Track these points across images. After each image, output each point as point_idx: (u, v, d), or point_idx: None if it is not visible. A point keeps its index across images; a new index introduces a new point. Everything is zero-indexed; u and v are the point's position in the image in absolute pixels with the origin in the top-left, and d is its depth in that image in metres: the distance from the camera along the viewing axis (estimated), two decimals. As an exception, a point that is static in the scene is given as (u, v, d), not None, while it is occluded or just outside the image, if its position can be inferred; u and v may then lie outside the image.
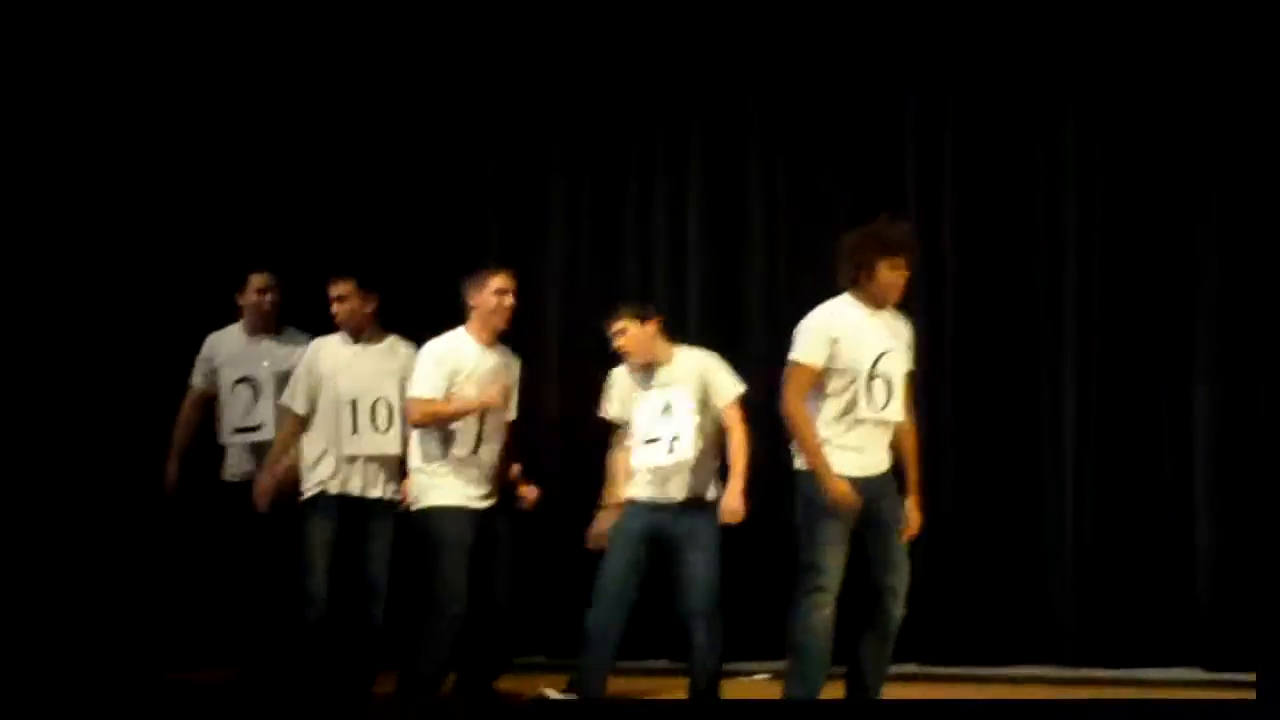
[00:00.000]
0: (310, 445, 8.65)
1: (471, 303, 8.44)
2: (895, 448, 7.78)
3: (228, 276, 9.21)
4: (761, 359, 9.10)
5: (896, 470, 7.78)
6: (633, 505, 8.38)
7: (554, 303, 9.99)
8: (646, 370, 8.40)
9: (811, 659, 7.70)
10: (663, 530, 8.28)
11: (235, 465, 9.05)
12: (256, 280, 9.02)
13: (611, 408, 8.57)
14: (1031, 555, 9.29)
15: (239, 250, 9.52)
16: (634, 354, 8.39)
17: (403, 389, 8.49)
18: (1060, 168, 9.40)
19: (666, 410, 8.28)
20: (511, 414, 8.54)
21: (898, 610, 7.78)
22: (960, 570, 9.30)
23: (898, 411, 7.71)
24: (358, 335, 8.67)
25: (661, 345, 8.42)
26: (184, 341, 9.33)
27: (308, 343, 8.81)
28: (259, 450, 8.89)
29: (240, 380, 8.98)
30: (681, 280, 9.88)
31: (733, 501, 8.20)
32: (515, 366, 8.57)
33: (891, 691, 8.19)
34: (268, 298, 9.00)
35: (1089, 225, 9.33)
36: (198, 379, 9.18)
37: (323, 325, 8.80)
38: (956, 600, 9.31)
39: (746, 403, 8.40)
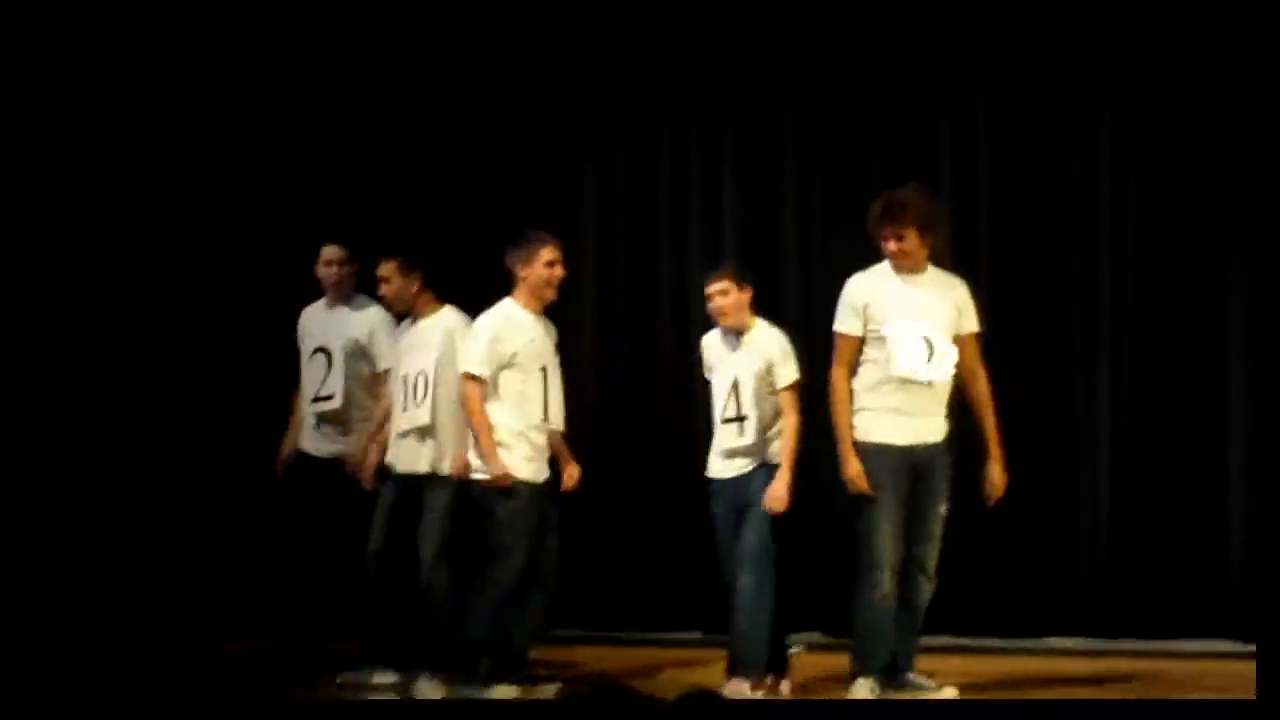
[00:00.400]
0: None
1: (520, 273, 8.38)
2: (973, 413, 7.89)
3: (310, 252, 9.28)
4: (797, 339, 9.18)
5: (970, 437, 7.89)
6: (717, 485, 8.37)
7: (588, 287, 10.00)
8: (735, 334, 8.40)
9: (872, 636, 7.83)
10: (737, 503, 8.31)
11: (310, 439, 9.09)
12: (326, 253, 9.10)
13: (708, 370, 8.55)
14: (1065, 528, 9.34)
15: (317, 226, 9.56)
16: (728, 315, 8.36)
17: (439, 360, 8.51)
18: (1094, 153, 9.44)
19: (735, 387, 8.31)
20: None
21: (927, 583, 7.86)
22: (994, 543, 9.31)
23: (941, 371, 7.77)
24: (405, 313, 8.76)
25: (749, 315, 8.42)
26: (278, 318, 9.42)
27: (377, 312, 8.89)
28: (328, 422, 8.96)
29: (317, 350, 9.06)
30: (716, 261, 9.90)
31: (779, 489, 8.16)
32: (555, 335, 8.57)
33: (925, 664, 8.25)
34: (334, 269, 9.07)
35: (1123, 210, 9.38)
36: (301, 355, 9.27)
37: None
38: (990, 573, 9.35)
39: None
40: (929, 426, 7.84)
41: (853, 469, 7.83)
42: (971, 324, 7.95)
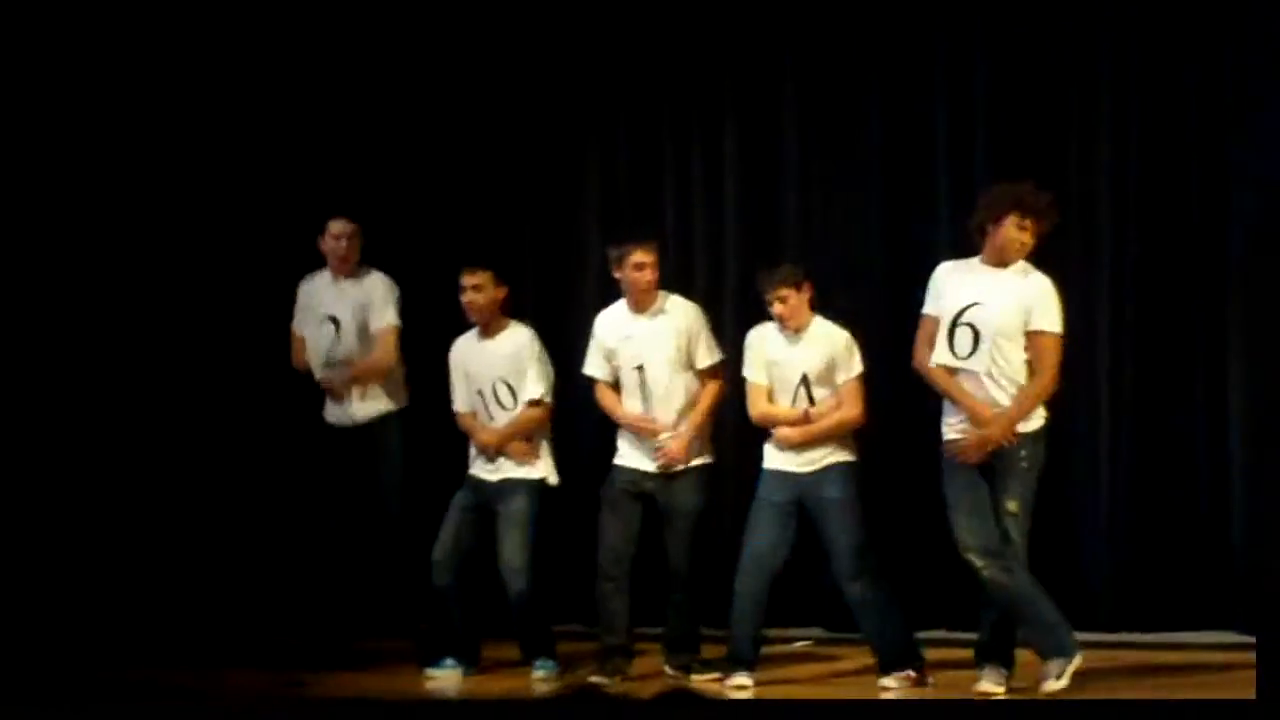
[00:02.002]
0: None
1: (617, 276, 8.66)
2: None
3: (313, 225, 9.42)
4: None
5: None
6: (772, 476, 8.43)
7: (592, 273, 9.96)
8: (794, 333, 8.44)
9: (1028, 613, 7.86)
10: (805, 499, 8.35)
11: (337, 409, 9.27)
12: (333, 227, 9.23)
13: (750, 370, 8.57)
14: (1066, 520, 9.28)
15: (320, 200, 9.72)
16: (790, 319, 8.41)
17: (515, 371, 8.83)
18: (1094, 109, 9.37)
19: (805, 381, 8.36)
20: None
21: (982, 569, 7.85)
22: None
23: (982, 363, 7.78)
24: (484, 327, 8.93)
25: (809, 313, 8.46)
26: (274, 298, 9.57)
27: (385, 285, 9.17)
28: (344, 385, 9.18)
29: (326, 319, 9.24)
30: (720, 257, 9.94)
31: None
32: (683, 320, 8.67)
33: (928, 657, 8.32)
34: (342, 243, 9.19)
35: (1122, 175, 9.32)
36: (297, 325, 9.43)
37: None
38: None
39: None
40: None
41: (998, 428, 7.81)
42: (1048, 324, 7.90)
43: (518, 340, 8.94)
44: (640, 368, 8.63)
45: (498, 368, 8.90)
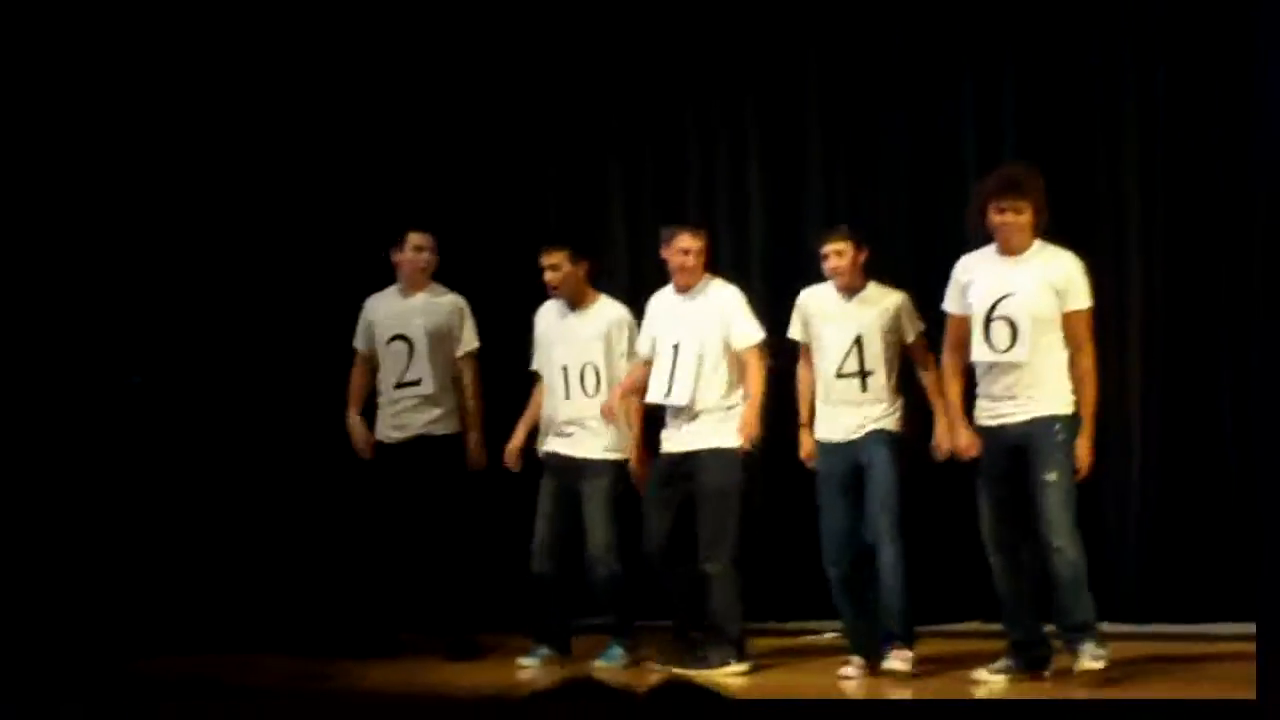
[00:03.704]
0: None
1: (665, 258, 8.79)
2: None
3: (382, 240, 9.45)
4: None
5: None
6: (826, 447, 8.49)
7: (620, 272, 10.03)
8: (848, 292, 8.47)
9: (1009, 609, 7.97)
10: (858, 463, 8.43)
11: (390, 426, 9.21)
12: (414, 239, 9.21)
13: (795, 329, 8.66)
14: (1095, 512, 9.24)
15: (387, 215, 9.78)
16: (844, 274, 8.46)
17: (607, 351, 8.90)
18: (1119, 115, 9.39)
19: (859, 342, 8.37)
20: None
21: (1058, 556, 7.87)
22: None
23: (1024, 354, 7.80)
24: (572, 302, 8.95)
25: (861, 274, 8.52)
26: (343, 310, 9.58)
27: (461, 305, 9.23)
28: (423, 407, 9.15)
29: (395, 337, 9.17)
30: (745, 243, 9.97)
31: (948, 442, 8.26)
32: (723, 301, 8.76)
33: (951, 648, 8.43)
34: (424, 255, 9.17)
35: (1151, 180, 9.31)
36: (361, 343, 9.39)
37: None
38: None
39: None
40: (1020, 409, 7.90)
41: (962, 439, 7.97)
42: (1079, 301, 7.94)
43: (607, 317, 8.98)
44: (676, 346, 8.67)
45: (586, 347, 8.94)
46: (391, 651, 9.16)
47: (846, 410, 8.40)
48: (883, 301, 8.45)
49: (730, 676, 8.45)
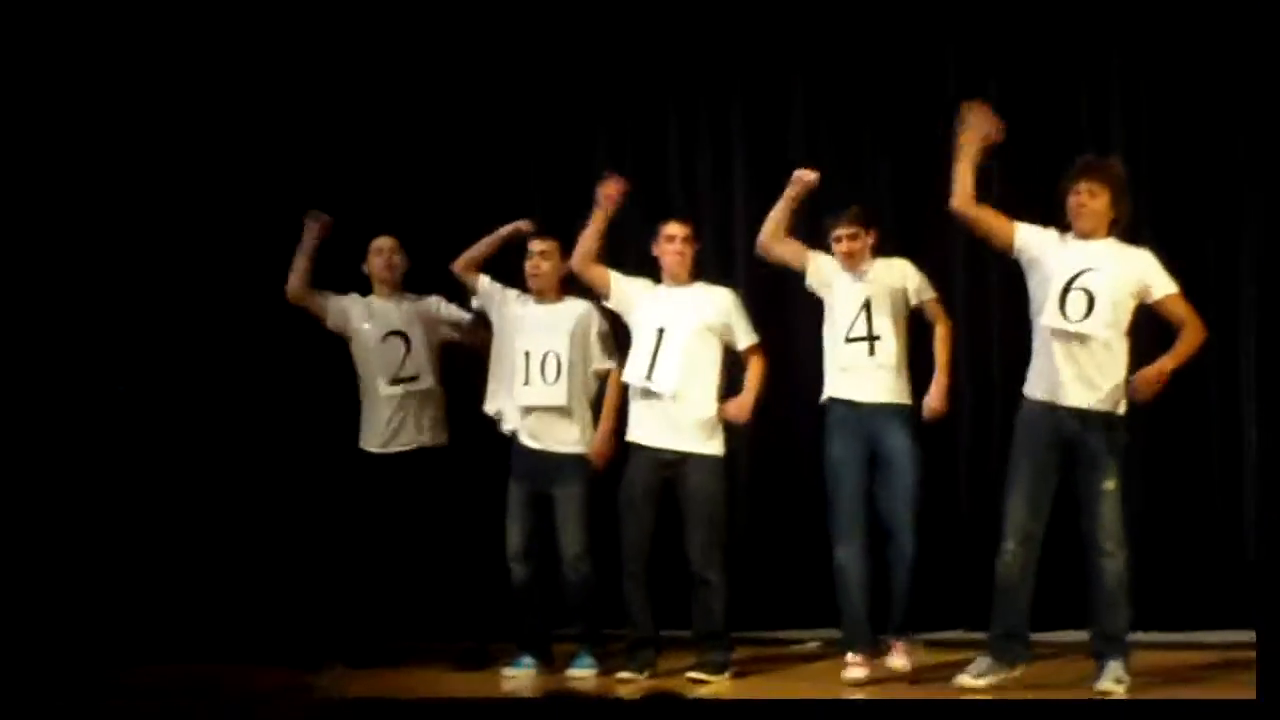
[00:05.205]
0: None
1: (655, 255, 8.75)
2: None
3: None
4: (808, 322, 9.17)
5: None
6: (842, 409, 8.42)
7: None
8: (858, 273, 8.50)
9: (997, 602, 7.87)
10: (872, 439, 8.36)
11: (390, 434, 9.10)
12: (376, 243, 9.24)
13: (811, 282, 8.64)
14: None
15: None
16: (854, 257, 8.48)
17: (571, 342, 8.79)
18: (1104, 131, 9.35)
19: (865, 307, 8.35)
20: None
21: (1106, 561, 7.82)
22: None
23: (1097, 326, 7.74)
24: (542, 294, 8.91)
25: (870, 257, 8.54)
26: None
27: (425, 302, 9.19)
28: (418, 409, 9.03)
29: (391, 333, 9.10)
30: (728, 247, 9.87)
31: (935, 402, 8.33)
32: (718, 300, 8.73)
33: (944, 659, 8.39)
34: (383, 257, 9.21)
35: (1135, 179, 9.17)
36: (330, 299, 9.29)
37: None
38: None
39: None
40: (1083, 391, 7.81)
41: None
42: (1163, 287, 7.94)
43: (576, 310, 8.93)
44: (661, 330, 8.56)
45: (549, 335, 8.84)
46: (391, 660, 9.07)
47: (858, 374, 8.41)
48: (889, 269, 8.50)
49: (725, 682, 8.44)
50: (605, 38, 10.07)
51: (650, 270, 8.94)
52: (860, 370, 8.38)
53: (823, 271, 8.56)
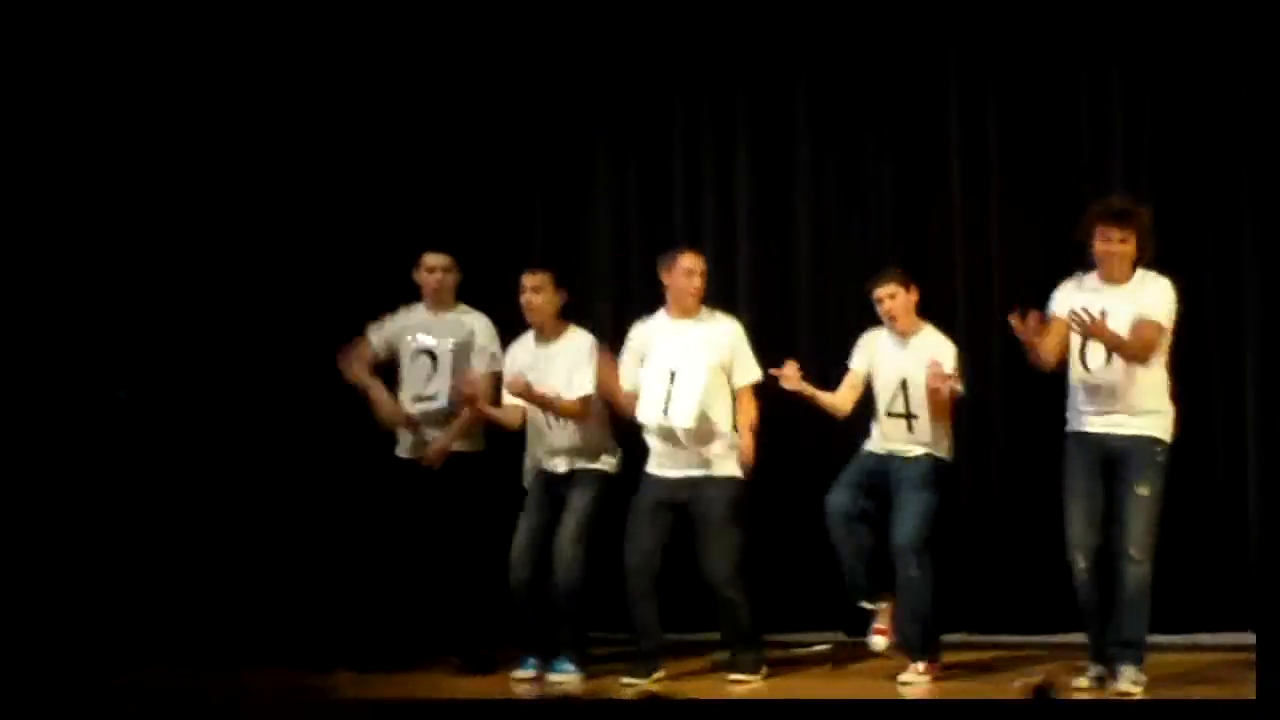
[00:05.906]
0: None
1: (665, 282, 8.69)
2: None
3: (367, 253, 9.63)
4: (810, 334, 9.46)
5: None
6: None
7: (600, 286, 9.97)
8: (902, 336, 8.59)
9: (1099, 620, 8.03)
10: (887, 476, 8.56)
11: (419, 441, 9.20)
12: (428, 259, 9.23)
13: (858, 358, 8.75)
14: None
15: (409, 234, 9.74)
16: (898, 318, 8.58)
17: (568, 378, 8.82)
18: (1106, 133, 9.35)
19: (904, 386, 8.55)
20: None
21: (1132, 567, 7.93)
22: (1011, 540, 9.33)
23: (1116, 376, 7.92)
24: (543, 329, 8.95)
25: (915, 317, 8.65)
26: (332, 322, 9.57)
27: (480, 320, 9.18)
28: (434, 422, 9.13)
29: (422, 352, 9.16)
30: (731, 255, 9.88)
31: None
32: (727, 334, 8.74)
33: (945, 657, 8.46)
34: (436, 276, 9.20)
35: (1135, 187, 9.23)
36: (374, 336, 9.31)
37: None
38: (1007, 570, 9.34)
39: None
40: (1114, 420, 7.99)
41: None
42: (1158, 317, 8.02)
43: (578, 345, 8.94)
44: (673, 374, 8.61)
45: (555, 375, 8.87)
46: (398, 664, 9.07)
47: (895, 444, 8.61)
48: (931, 349, 8.57)
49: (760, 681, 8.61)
50: (606, 39, 10.04)
51: (650, 270, 8.99)
52: (897, 441, 8.59)
53: (871, 345, 8.73)
